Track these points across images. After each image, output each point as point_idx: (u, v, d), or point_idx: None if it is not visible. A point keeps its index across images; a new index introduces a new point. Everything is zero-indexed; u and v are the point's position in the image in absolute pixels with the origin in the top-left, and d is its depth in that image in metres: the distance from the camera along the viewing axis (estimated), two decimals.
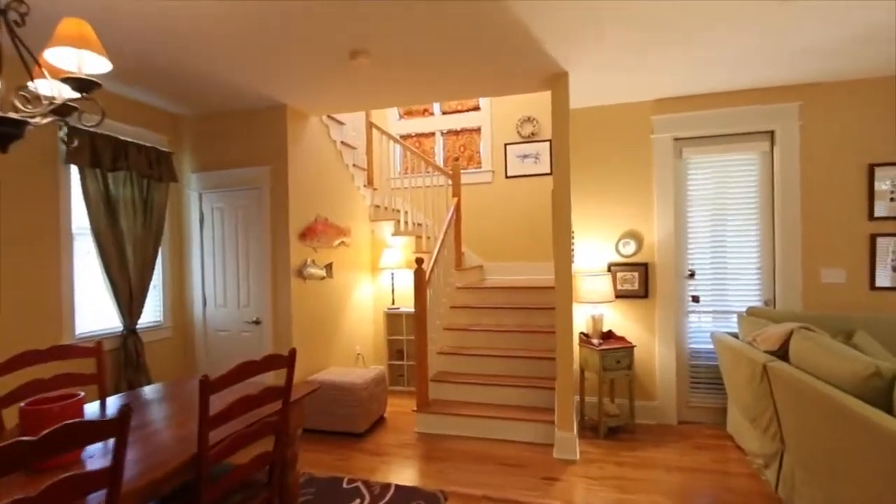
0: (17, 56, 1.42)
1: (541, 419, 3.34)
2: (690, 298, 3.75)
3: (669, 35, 2.66)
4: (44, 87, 1.46)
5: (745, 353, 2.79)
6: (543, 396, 3.55)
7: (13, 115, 1.35)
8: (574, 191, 3.84)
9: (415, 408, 3.67)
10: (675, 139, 3.71)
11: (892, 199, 3.34)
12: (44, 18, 2.22)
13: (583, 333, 3.77)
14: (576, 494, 2.67)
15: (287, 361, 1.88)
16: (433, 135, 5.88)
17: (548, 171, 5.24)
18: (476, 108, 5.66)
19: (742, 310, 3.56)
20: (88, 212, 3.04)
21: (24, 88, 1.47)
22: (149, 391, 2.33)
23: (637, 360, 3.73)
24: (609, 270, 3.82)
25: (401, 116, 5.99)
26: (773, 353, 2.65)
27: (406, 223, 4.85)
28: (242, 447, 1.70)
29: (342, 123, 4.46)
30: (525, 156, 5.37)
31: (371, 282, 4.99)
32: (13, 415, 2.35)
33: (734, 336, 3.25)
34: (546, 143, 5.26)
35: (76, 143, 2.83)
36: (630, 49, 2.83)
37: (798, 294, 3.47)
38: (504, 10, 2.35)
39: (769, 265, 3.61)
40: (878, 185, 3.34)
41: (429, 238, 4.82)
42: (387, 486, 2.75)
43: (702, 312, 3.75)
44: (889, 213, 3.34)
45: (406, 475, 2.94)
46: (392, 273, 4.87)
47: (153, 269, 3.49)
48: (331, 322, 4.21)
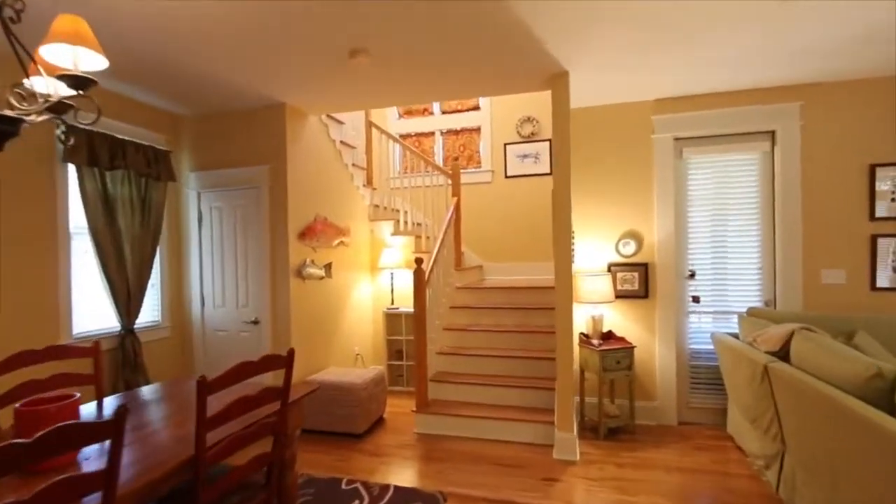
0: (13, 53, 1.40)
1: (540, 420, 3.33)
2: (691, 299, 3.74)
3: (670, 35, 2.65)
4: (39, 85, 1.44)
5: (746, 354, 2.78)
6: (543, 397, 3.54)
7: (8, 113, 1.34)
8: (574, 191, 3.82)
9: (414, 408, 3.66)
10: (676, 139, 3.70)
11: (893, 200, 3.33)
12: (40, 15, 2.20)
13: (583, 334, 3.76)
14: (576, 495, 2.66)
15: (285, 362, 1.87)
16: (433, 134, 5.87)
17: (548, 171, 5.23)
18: (476, 108, 5.64)
19: (742, 310, 3.55)
20: (86, 211, 3.02)
21: (20, 86, 1.45)
22: (146, 391, 2.32)
23: (637, 361, 3.72)
24: (609, 270, 3.81)
25: (400, 116, 5.98)
26: (774, 354, 2.64)
27: (405, 223, 4.84)
28: (240, 448, 1.69)
29: (341, 123, 4.44)
30: (525, 155, 5.36)
31: (370, 282, 4.98)
32: (9, 415, 2.33)
33: (734, 337, 3.24)
34: (546, 143, 5.25)
35: (72, 142, 2.81)
36: (631, 49, 2.82)
37: (798, 294, 3.46)
38: (505, 10, 2.34)
39: (769, 265, 3.60)
40: (879, 186, 3.34)
41: (428, 238, 4.81)
42: (386, 487, 2.74)
43: (702, 313, 3.74)
44: (890, 214, 3.33)
45: (405, 476, 2.93)
46: (391, 273, 4.85)
47: (151, 269, 3.47)
48: (330, 322, 4.20)
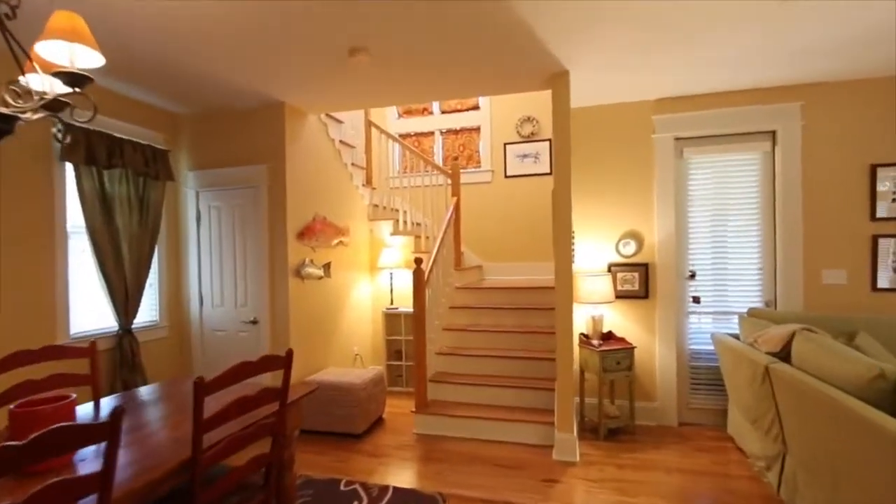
0: (8, 49, 1.38)
1: (540, 420, 3.32)
2: (691, 299, 3.73)
3: (671, 35, 2.64)
4: (35, 82, 1.42)
5: (747, 355, 2.77)
6: (543, 397, 3.53)
7: (3, 111, 1.32)
8: (574, 190, 3.81)
9: (413, 409, 3.65)
10: (677, 139, 3.69)
11: (894, 200, 3.32)
12: (35, 12, 2.18)
13: (583, 334, 3.74)
14: (576, 497, 2.65)
15: (284, 362, 1.85)
16: (432, 134, 5.85)
17: (547, 171, 5.22)
18: (475, 108, 5.63)
19: (743, 311, 3.54)
20: (83, 210, 3.01)
21: (15, 83, 1.44)
22: (144, 392, 2.30)
23: (637, 361, 3.71)
24: (609, 271, 3.80)
25: (400, 115, 5.96)
26: (775, 355, 2.62)
27: (405, 223, 4.82)
28: (239, 449, 1.67)
29: (341, 122, 4.43)
30: (525, 155, 5.35)
31: (369, 281, 4.96)
32: (4, 416, 2.31)
33: (735, 337, 3.23)
34: (546, 143, 5.24)
35: (69, 140, 2.79)
36: (632, 48, 2.81)
37: (799, 295, 3.45)
38: (505, 10, 2.33)
39: (770, 266, 3.59)
40: (880, 186, 3.33)
41: (428, 238, 4.79)
42: (385, 489, 2.72)
43: (702, 313, 3.73)
44: (890, 214, 3.32)
45: (404, 477, 2.91)
46: (391, 273, 4.83)
47: (149, 268, 3.45)
48: (329, 322, 4.18)
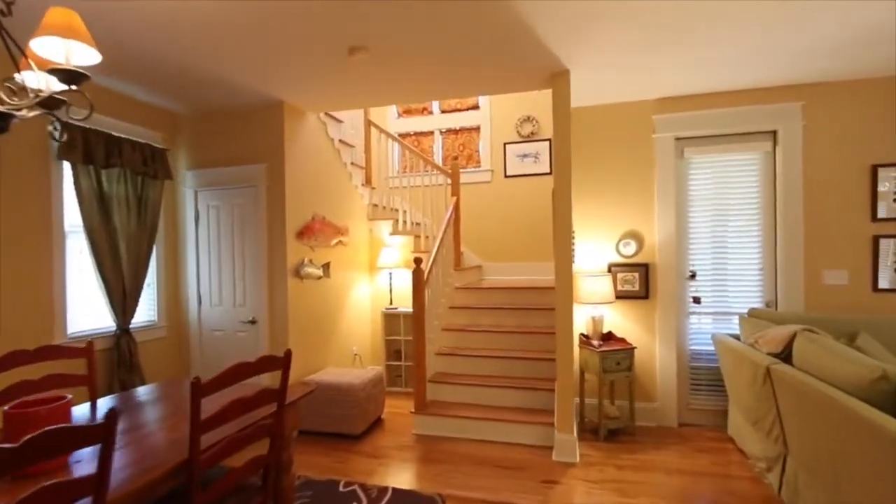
0: (3, 47, 1.37)
1: (540, 421, 3.30)
2: (691, 299, 3.72)
3: (672, 34, 2.63)
4: (30, 79, 1.41)
5: (748, 356, 2.76)
6: (543, 398, 3.51)
7: None
8: (574, 190, 3.80)
9: (413, 409, 3.63)
10: (677, 139, 3.67)
11: (895, 200, 3.31)
12: (30, 8, 2.15)
13: (583, 335, 3.73)
14: (576, 498, 2.63)
15: (282, 363, 1.84)
16: (432, 133, 5.84)
17: (547, 171, 5.21)
18: (475, 107, 5.61)
19: (743, 311, 3.53)
20: (81, 209, 2.99)
21: (10, 80, 1.42)
22: (142, 392, 2.29)
23: (637, 362, 3.70)
24: (609, 271, 3.78)
25: (399, 115, 5.95)
26: (776, 356, 2.61)
27: (404, 222, 4.81)
28: (236, 451, 1.65)
29: (340, 121, 4.41)
30: (524, 155, 5.33)
31: (369, 281, 4.94)
32: None
33: (735, 338, 3.22)
34: (546, 143, 5.23)
35: (65, 138, 2.77)
36: (632, 48, 2.79)
37: (800, 295, 3.44)
38: (505, 9, 2.32)
39: (771, 266, 3.58)
40: (881, 186, 3.32)
41: (427, 237, 4.78)
42: (384, 490, 2.71)
43: (702, 314, 3.72)
44: (892, 215, 3.31)
45: (403, 478, 2.90)
46: (390, 273, 4.82)
47: (147, 268, 3.43)
48: (328, 322, 4.16)
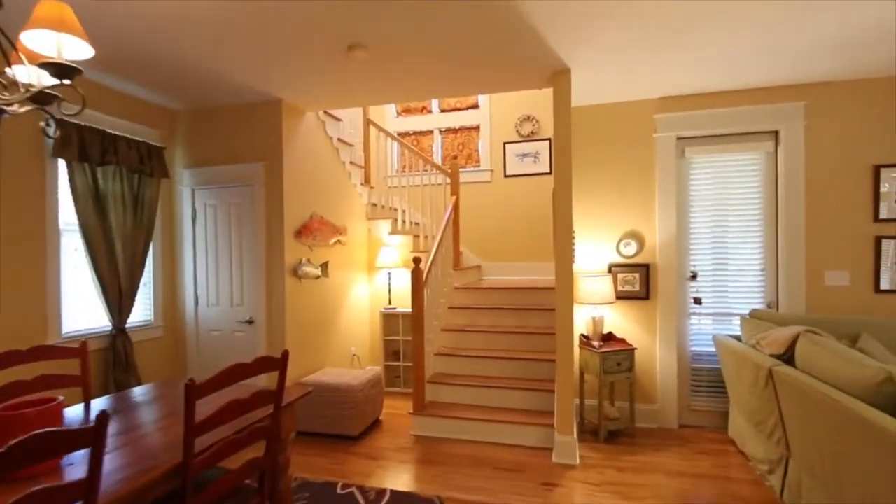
0: None
1: (540, 423, 3.28)
2: (692, 300, 3.69)
3: (672, 34, 2.61)
4: (21, 74, 1.38)
5: (750, 357, 2.74)
6: (542, 399, 3.49)
7: None
8: (574, 190, 3.77)
9: (411, 410, 3.60)
10: (679, 138, 3.65)
11: None
12: (24, 3, 2.13)
13: (583, 335, 3.70)
14: (576, 500, 2.61)
15: (279, 364, 1.81)
16: (431, 133, 5.81)
17: (547, 171, 5.19)
18: (475, 107, 5.58)
19: (744, 312, 3.51)
20: (76, 207, 2.95)
21: (1, 74, 1.39)
22: (137, 393, 2.25)
23: (638, 363, 3.67)
24: (610, 271, 3.76)
25: (399, 114, 5.91)
26: (779, 357, 2.59)
27: (403, 222, 4.78)
28: (232, 454, 1.62)
29: (339, 120, 4.38)
30: (524, 155, 5.31)
31: (367, 281, 4.91)
32: None
33: (736, 339, 3.20)
34: (545, 142, 5.20)
35: (57, 133, 2.73)
36: (633, 47, 2.77)
37: (801, 296, 3.42)
38: (507, 8, 2.29)
39: (772, 267, 3.56)
40: (883, 187, 3.30)
41: (426, 237, 4.75)
42: (382, 492, 2.68)
43: (703, 314, 3.69)
44: (893, 215, 3.29)
45: (402, 480, 2.87)
46: (389, 272, 4.79)
47: (143, 267, 3.39)
48: (326, 322, 4.13)
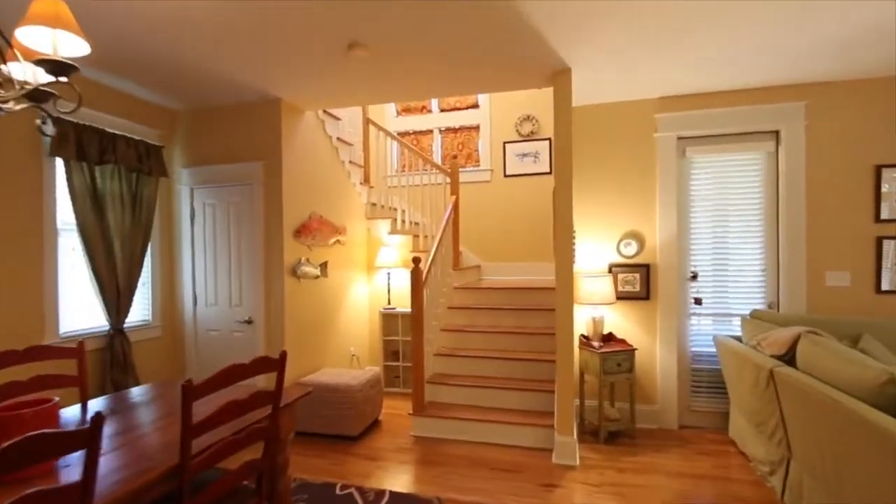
0: None
1: (540, 423, 3.26)
2: (692, 300, 3.68)
3: (673, 34, 2.60)
4: (17, 71, 1.36)
5: (751, 358, 2.72)
6: (542, 400, 3.47)
7: None
8: (575, 190, 3.76)
9: (411, 411, 3.59)
10: (679, 138, 3.64)
11: None
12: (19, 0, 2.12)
13: (583, 336, 3.69)
14: (576, 501, 2.60)
15: (277, 364, 1.79)
16: (431, 132, 5.80)
17: (547, 171, 5.17)
18: (475, 106, 5.57)
19: (745, 312, 3.50)
20: (74, 206, 2.94)
21: None
22: (135, 393, 2.24)
23: (638, 363, 3.66)
24: (610, 271, 3.75)
25: (398, 113, 5.90)
26: (780, 358, 2.58)
27: (403, 222, 4.76)
28: (230, 455, 1.61)
29: (338, 119, 4.36)
30: (524, 154, 5.29)
31: (367, 281, 4.90)
32: None
33: (737, 339, 3.19)
34: (545, 142, 5.19)
35: (53, 132, 2.71)
36: (634, 47, 2.76)
37: (802, 297, 3.41)
38: (507, 8, 2.28)
39: (773, 267, 3.55)
40: (885, 187, 3.29)
41: (426, 237, 4.74)
42: (381, 493, 2.66)
43: (704, 315, 3.68)
44: (894, 216, 3.28)
45: (401, 481, 2.86)
46: (388, 272, 4.78)
47: (141, 267, 3.38)
48: (325, 322, 4.12)
